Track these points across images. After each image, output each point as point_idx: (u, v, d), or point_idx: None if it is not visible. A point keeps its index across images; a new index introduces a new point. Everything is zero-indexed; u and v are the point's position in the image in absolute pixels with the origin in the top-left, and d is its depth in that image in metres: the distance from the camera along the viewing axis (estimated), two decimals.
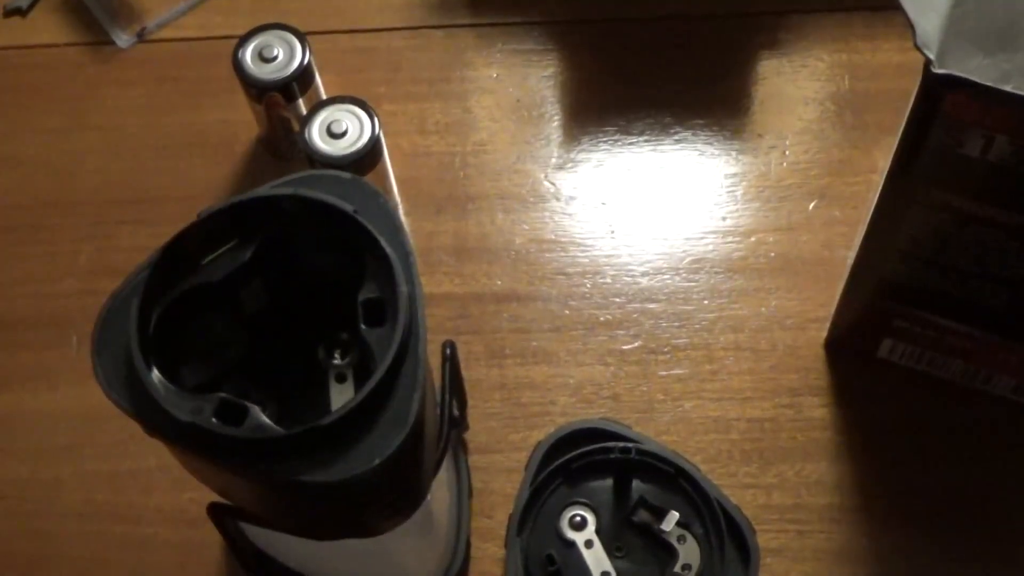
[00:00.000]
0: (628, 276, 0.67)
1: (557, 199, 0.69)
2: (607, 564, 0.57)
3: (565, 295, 0.66)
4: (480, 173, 0.70)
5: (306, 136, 0.63)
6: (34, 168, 0.71)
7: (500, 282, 0.67)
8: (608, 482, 0.59)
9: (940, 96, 0.46)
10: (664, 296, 0.66)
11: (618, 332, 0.65)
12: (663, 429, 0.63)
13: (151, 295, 0.44)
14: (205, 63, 0.73)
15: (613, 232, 0.68)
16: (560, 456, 0.59)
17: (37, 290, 0.67)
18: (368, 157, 0.63)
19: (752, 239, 0.67)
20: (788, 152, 0.70)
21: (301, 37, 0.65)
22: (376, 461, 0.42)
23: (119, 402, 0.44)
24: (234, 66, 0.65)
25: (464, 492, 0.60)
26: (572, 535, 0.57)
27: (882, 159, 0.65)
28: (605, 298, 0.66)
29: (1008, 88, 0.44)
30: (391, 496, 0.46)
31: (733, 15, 0.73)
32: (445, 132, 0.71)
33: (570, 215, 0.68)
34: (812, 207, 0.68)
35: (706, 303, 0.66)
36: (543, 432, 0.61)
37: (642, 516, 0.57)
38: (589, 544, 0.57)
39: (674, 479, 0.58)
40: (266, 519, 0.50)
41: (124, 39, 0.74)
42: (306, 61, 0.65)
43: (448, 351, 0.57)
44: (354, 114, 0.63)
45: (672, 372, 0.64)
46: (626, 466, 0.58)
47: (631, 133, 0.70)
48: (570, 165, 0.70)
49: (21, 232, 0.69)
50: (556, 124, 0.71)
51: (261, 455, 0.42)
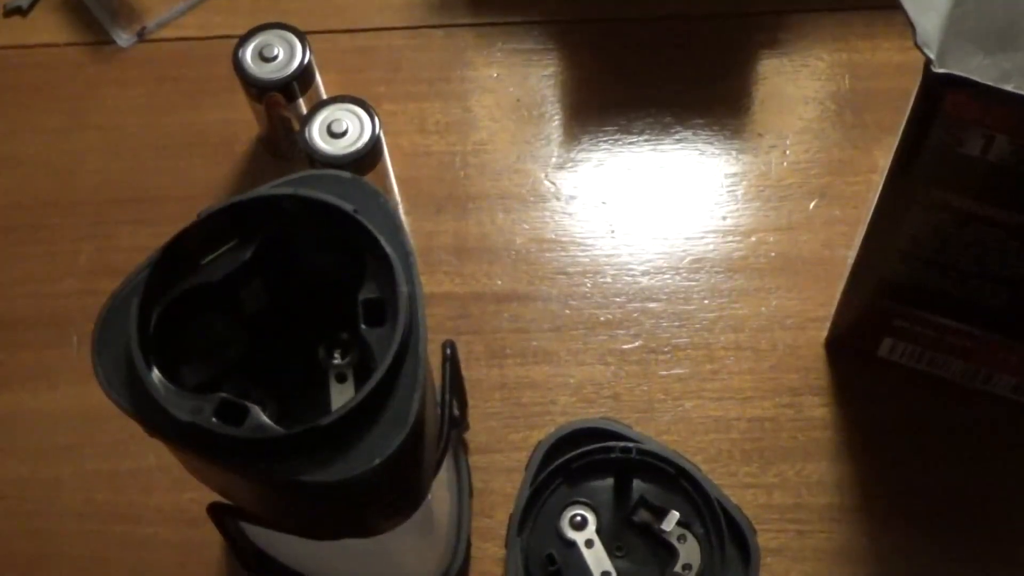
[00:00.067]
0: (628, 276, 0.67)
1: (557, 199, 0.69)
2: (607, 564, 0.57)
3: (565, 295, 0.66)
4: (480, 173, 0.70)
5: (306, 136, 0.63)
6: (34, 168, 0.71)
7: (500, 282, 0.67)
8: (608, 482, 0.59)
9: (940, 95, 0.46)
10: (664, 296, 0.66)
11: (618, 332, 0.65)
12: (663, 429, 0.63)
13: (151, 295, 0.44)
14: (205, 63, 0.73)
15: (613, 232, 0.68)
16: (560, 456, 0.59)
17: (37, 290, 0.67)
18: (368, 157, 0.63)
19: (752, 238, 0.67)
20: (788, 151, 0.69)
21: (301, 37, 0.65)
22: (376, 461, 0.42)
23: (119, 402, 0.44)
24: (234, 66, 0.65)
25: (465, 492, 0.60)
26: (572, 535, 0.57)
27: (882, 158, 0.65)
28: (605, 298, 0.66)
29: (1008, 87, 0.44)
30: (391, 496, 0.46)
31: (733, 15, 0.73)
32: (445, 132, 0.71)
33: (570, 215, 0.68)
34: (812, 206, 0.68)
35: (706, 303, 0.66)
36: (543, 432, 0.61)
37: (642, 516, 0.57)
38: (589, 544, 0.57)
39: (675, 479, 0.58)
40: (266, 519, 0.50)
41: (124, 39, 0.74)
42: (306, 61, 0.65)
43: (448, 351, 0.57)
44: (354, 114, 0.63)
45: (672, 372, 0.64)
46: (626, 466, 0.58)
47: (631, 132, 0.70)
48: (570, 165, 0.70)
49: (21, 232, 0.69)
50: (556, 124, 0.71)
51: (261, 455, 0.42)
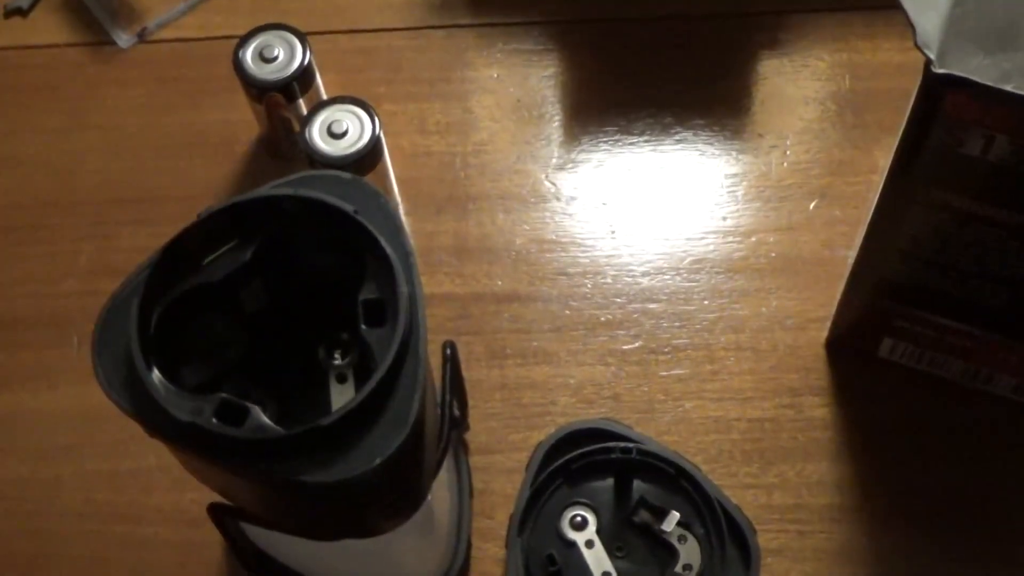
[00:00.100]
0: (629, 276, 0.67)
1: (558, 199, 0.69)
2: (608, 564, 0.57)
3: (566, 295, 0.66)
4: (481, 173, 0.70)
5: (306, 136, 0.63)
6: (34, 168, 0.71)
7: (501, 282, 0.67)
8: (609, 482, 0.59)
9: (940, 96, 0.46)
10: (665, 296, 0.66)
11: (619, 332, 0.65)
12: (664, 429, 0.63)
13: (151, 295, 0.44)
14: (205, 63, 0.73)
15: (614, 232, 0.68)
16: (561, 456, 0.59)
17: (37, 290, 0.67)
18: (368, 157, 0.63)
19: (753, 239, 0.67)
20: (789, 152, 0.69)
21: (301, 37, 0.65)
22: (376, 461, 0.42)
23: (119, 402, 0.44)
24: (234, 66, 0.65)
25: (465, 492, 0.60)
26: (573, 535, 0.57)
27: (883, 159, 0.65)
28: (606, 298, 0.66)
29: (1008, 88, 0.44)
30: (392, 496, 0.46)
31: (733, 15, 0.73)
32: (446, 132, 0.71)
33: (571, 215, 0.68)
34: (813, 207, 0.68)
35: (707, 303, 0.66)
36: (544, 432, 0.61)
37: (643, 516, 0.57)
38: (590, 544, 0.57)
39: (675, 479, 0.58)
40: (266, 519, 0.50)
41: (124, 39, 0.74)
42: (306, 61, 0.65)
43: (449, 351, 0.57)
44: (355, 114, 0.63)
45: (673, 372, 0.64)
46: (627, 466, 0.58)
47: (631, 133, 0.70)
48: (571, 165, 0.70)
49: (21, 232, 0.69)
50: (557, 124, 0.71)
51: (261, 455, 0.42)
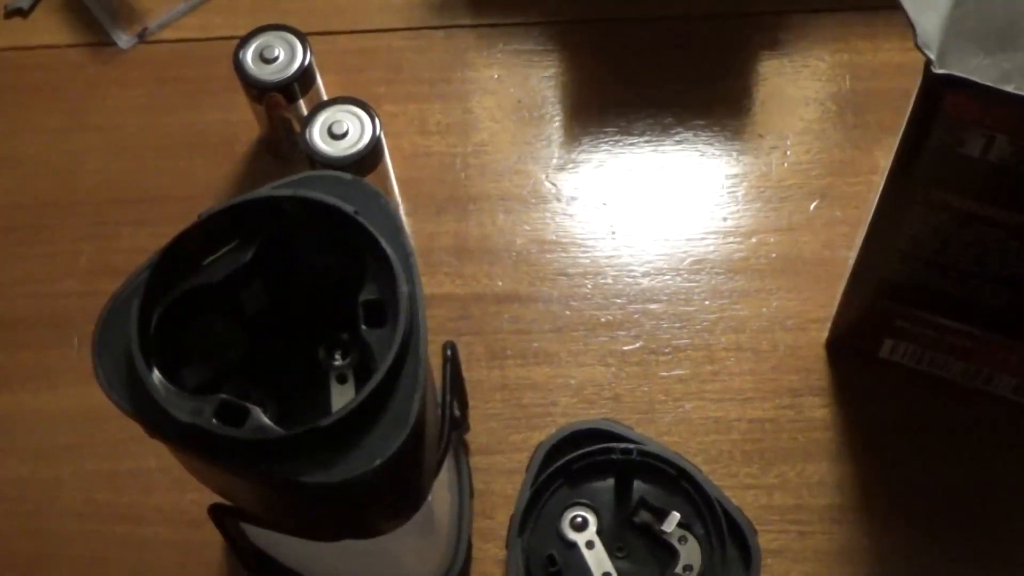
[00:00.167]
0: (629, 277, 0.67)
1: (558, 200, 0.69)
2: (608, 565, 0.57)
3: (566, 296, 0.66)
4: (481, 174, 0.70)
5: (307, 137, 0.63)
6: (35, 168, 0.71)
7: (501, 283, 0.67)
8: (609, 483, 0.58)
9: (941, 96, 0.46)
10: (665, 297, 0.66)
11: (619, 333, 0.65)
12: (664, 430, 0.63)
13: (152, 296, 0.44)
14: (206, 64, 0.73)
15: (614, 233, 0.68)
16: (561, 457, 0.59)
17: (37, 290, 0.67)
18: (369, 158, 0.63)
19: (753, 240, 0.67)
20: (789, 152, 0.69)
21: (302, 38, 0.65)
22: (377, 462, 0.42)
23: (120, 403, 0.44)
24: (235, 67, 0.65)
25: (465, 493, 0.60)
26: (573, 536, 0.57)
27: (883, 159, 0.65)
28: (606, 299, 0.66)
29: (1008, 88, 0.44)
30: (392, 497, 0.46)
31: (733, 15, 0.73)
32: (446, 133, 0.71)
33: (571, 216, 0.68)
34: (813, 207, 0.68)
35: (707, 304, 0.66)
36: (544, 433, 0.61)
37: (643, 517, 0.57)
38: (590, 545, 0.57)
39: (675, 480, 0.58)
40: (267, 520, 0.50)
41: (125, 40, 0.74)
42: (307, 62, 0.65)
43: (449, 352, 0.57)
44: (355, 115, 0.63)
45: (673, 373, 0.64)
46: (627, 467, 0.58)
47: (632, 134, 0.70)
48: (571, 166, 0.70)
49: (21, 232, 0.69)
50: (557, 125, 0.71)
51: (262, 456, 0.42)
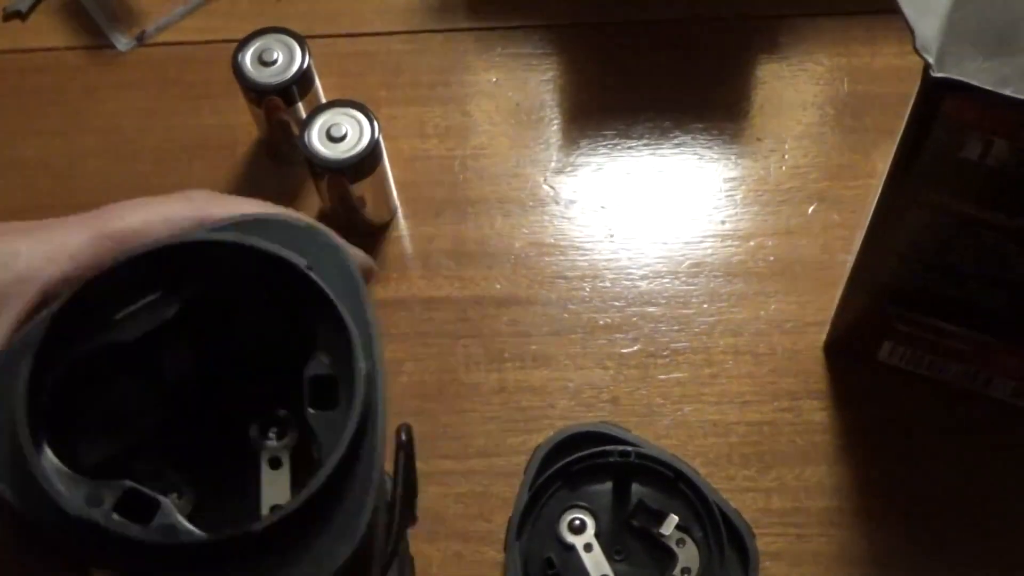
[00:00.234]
0: (627, 280, 0.67)
1: (556, 203, 0.69)
2: (606, 567, 0.57)
3: (564, 299, 0.66)
4: (479, 177, 0.70)
5: (306, 140, 0.63)
6: (34, 171, 0.71)
7: (499, 286, 0.67)
8: (607, 486, 0.59)
9: (939, 100, 0.46)
10: (663, 300, 0.66)
11: (617, 336, 0.65)
12: (662, 433, 0.63)
13: (48, 354, 0.36)
14: (205, 67, 0.73)
15: (612, 236, 0.68)
16: (559, 460, 0.59)
17: None
18: (367, 161, 0.63)
19: (751, 243, 0.67)
20: (787, 156, 0.70)
21: (301, 41, 0.65)
22: None
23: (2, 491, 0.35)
24: (234, 70, 0.65)
25: None
26: (571, 539, 0.57)
27: (881, 163, 0.65)
28: (604, 302, 0.66)
29: (1007, 92, 0.44)
30: None
31: (732, 19, 0.73)
32: (445, 136, 0.71)
33: (569, 219, 0.68)
34: (811, 211, 0.68)
35: (705, 307, 0.66)
36: (542, 436, 0.61)
37: (641, 520, 0.57)
38: (588, 548, 0.57)
39: (673, 483, 0.58)
40: None
41: (124, 42, 0.74)
42: (306, 65, 0.65)
43: (404, 436, 0.43)
44: (354, 118, 0.63)
45: (671, 376, 0.64)
46: (625, 470, 0.58)
47: (630, 137, 0.70)
48: (569, 169, 0.70)
49: None
50: (555, 128, 0.71)
51: (171, 564, 0.34)
